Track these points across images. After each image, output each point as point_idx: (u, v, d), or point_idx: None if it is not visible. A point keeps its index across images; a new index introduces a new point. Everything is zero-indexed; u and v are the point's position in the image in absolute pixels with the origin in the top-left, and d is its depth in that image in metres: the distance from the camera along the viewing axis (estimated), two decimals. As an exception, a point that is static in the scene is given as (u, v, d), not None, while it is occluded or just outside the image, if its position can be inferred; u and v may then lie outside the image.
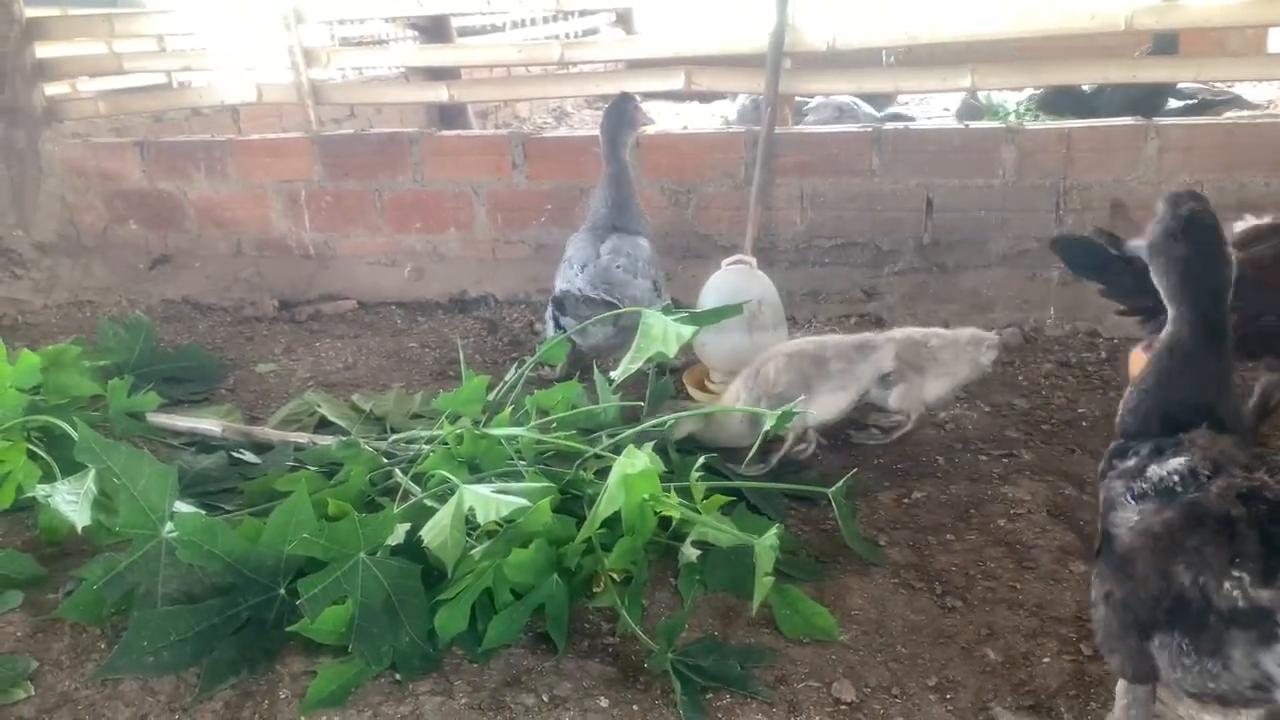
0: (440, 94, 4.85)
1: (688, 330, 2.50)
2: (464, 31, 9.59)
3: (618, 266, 3.31)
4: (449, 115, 6.90)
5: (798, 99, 6.46)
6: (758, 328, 3.35)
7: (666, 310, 2.59)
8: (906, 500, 2.73)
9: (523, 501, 2.14)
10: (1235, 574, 1.48)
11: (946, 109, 7.95)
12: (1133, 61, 4.35)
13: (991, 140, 4.05)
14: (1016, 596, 2.29)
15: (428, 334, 4.24)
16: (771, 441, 2.82)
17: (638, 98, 3.71)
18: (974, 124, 4.26)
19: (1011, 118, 7.11)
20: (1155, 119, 3.98)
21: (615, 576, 2.33)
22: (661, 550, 2.45)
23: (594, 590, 2.31)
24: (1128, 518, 1.69)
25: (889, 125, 4.32)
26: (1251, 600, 1.45)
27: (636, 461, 2.28)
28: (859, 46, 4.25)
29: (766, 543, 2.20)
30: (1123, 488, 1.75)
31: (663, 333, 2.51)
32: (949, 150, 4.10)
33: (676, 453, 2.81)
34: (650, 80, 4.55)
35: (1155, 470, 1.71)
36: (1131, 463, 1.79)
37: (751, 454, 2.78)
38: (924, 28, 4.16)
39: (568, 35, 11.22)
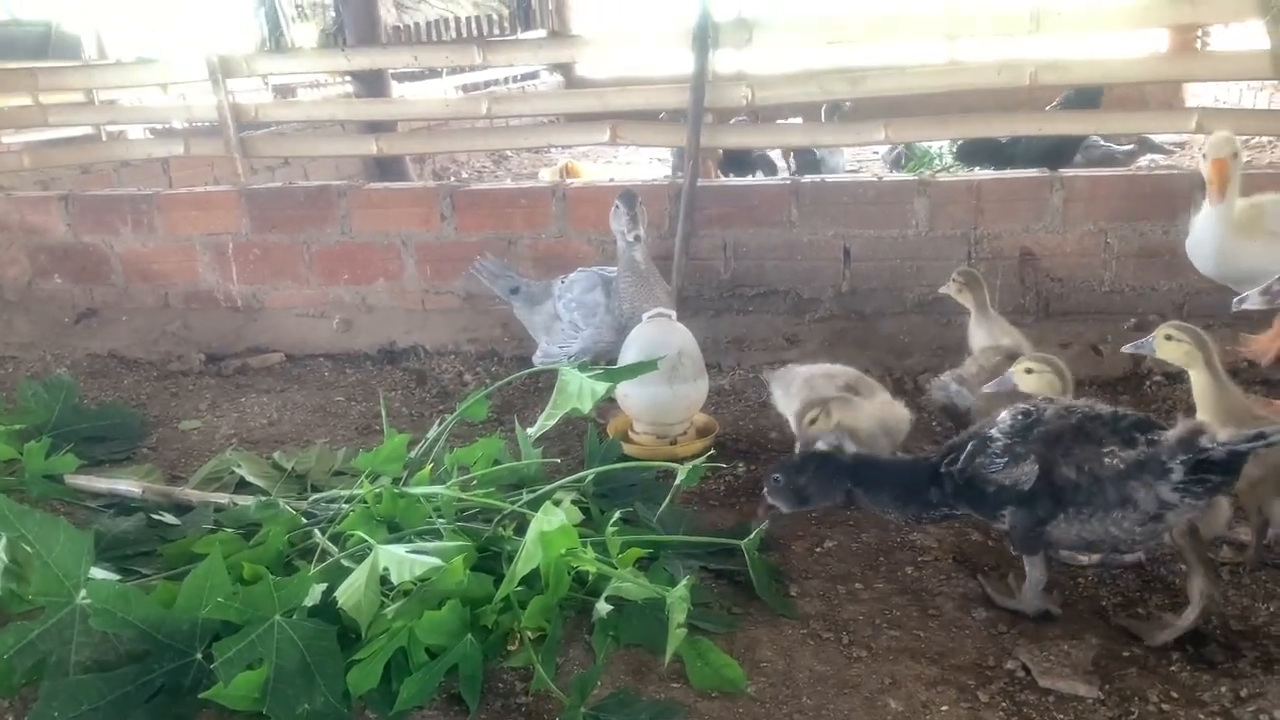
0: (369, 147, 4.90)
1: (602, 386, 2.56)
2: (408, 77, 9.69)
3: None
4: (385, 164, 6.97)
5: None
6: (678, 379, 3.42)
7: (583, 367, 2.64)
8: (819, 550, 2.81)
9: (436, 561, 2.18)
10: (1107, 451, 2.20)
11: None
12: (1040, 115, 4.54)
13: (904, 192, 4.20)
14: (919, 645, 2.36)
15: (355, 387, 4.25)
16: None
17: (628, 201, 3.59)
18: (887, 176, 4.41)
19: (936, 163, 7.33)
20: (1060, 170, 4.15)
21: (531, 634, 2.36)
22: (579, 606, 2.49)
23: (509, 648, 2.35)
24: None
25: (806, 178, 4.45)
26: (1127, 460, 2.18)
27: (553, 518, 2.33)
28: (776, 103, 4.39)
29: (678, 595, 2.26)
30: (987, 460, 2.33)
31: (578, 389, 2.57)
32: (864, 202, 4.24)
33: (597, 507, 2.86)
34: (576, 135, 4.67)
35: (999, 427, 2.34)
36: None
37: None
38: (839, 85, 4.30)
39: (507, 80, 11.37)
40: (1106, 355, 3.99)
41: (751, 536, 2.60)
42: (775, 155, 7.16)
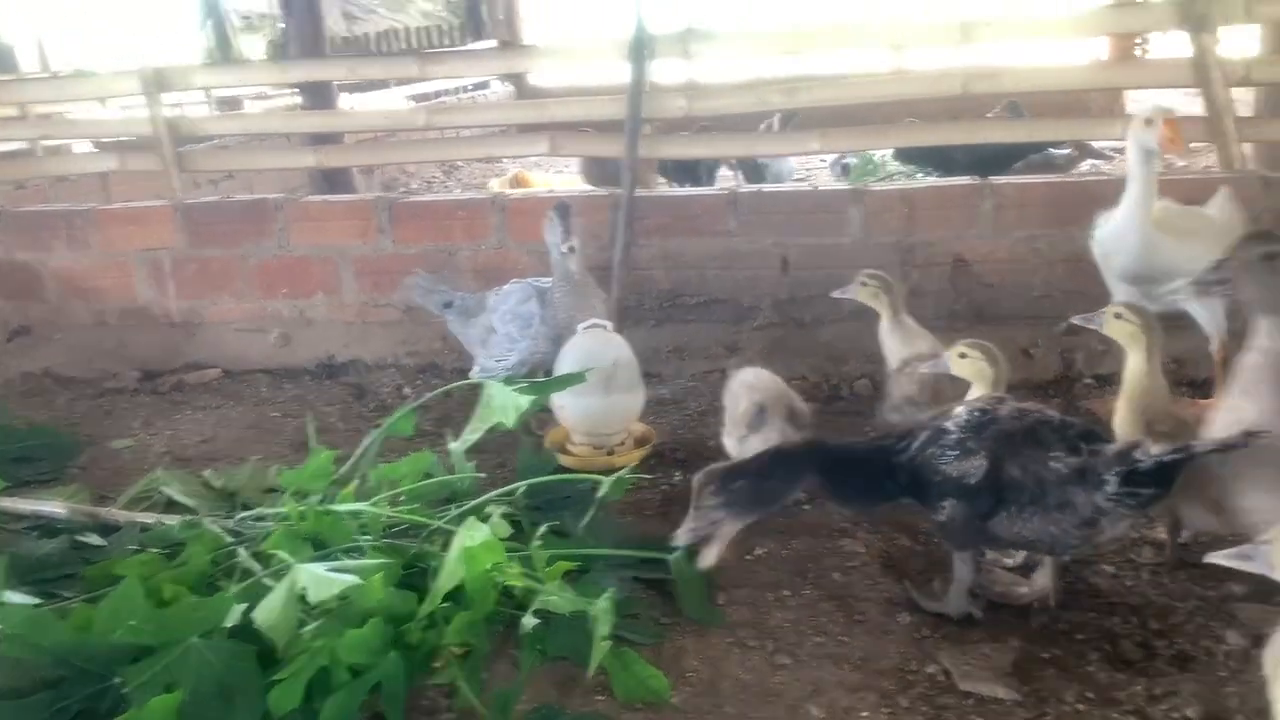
0: (307, 160, 4.87)
1: (525, 400, 2.56)
2: (357, 88, 9.60)
3: None
4: (332, 176, 6.91)
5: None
6: (615, 389, 3.43)
7: (509, 380, 2.64)
8: (749, 558, 2.82)
9: (353, 579, 2.17)
10: (1053, 456, 2.27)
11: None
12: (972, 124, 4.60)
13: (840, 201, 4.24)
14: (843, 651, 2.38)
15: (292, 402, 4.22)
16: None
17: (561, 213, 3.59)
18: (822, 186, 4.45)
19: (882, 171, 7.39)
20: (990, 179, 4.21)
21: (456, 650, 2.35)
22: (508, 620, 2.48)
23: (434, 665, 2.34)
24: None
25: (744, 188, 4.48)
26: (1070, 466, 2.25)
27: (476, 534, 2.33)
28: (714, 114, 4.41)
29: (601, 607, 2.26)
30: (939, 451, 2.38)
31: (503, 403, 2.57)
32: (801, 211, 4.27)
33: (529, 520, 2.85)
34: (515, 146, 4.65)
35: (954, 420, 2.39)
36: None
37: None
38: (776, 97, 4.34)
39: (458, 91, 11.33)
40: (1037, 359, 4.05)
41: (678, 549, 2.59)
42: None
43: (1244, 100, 7.42)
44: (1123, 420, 2.64)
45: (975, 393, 2.75)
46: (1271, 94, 6.60)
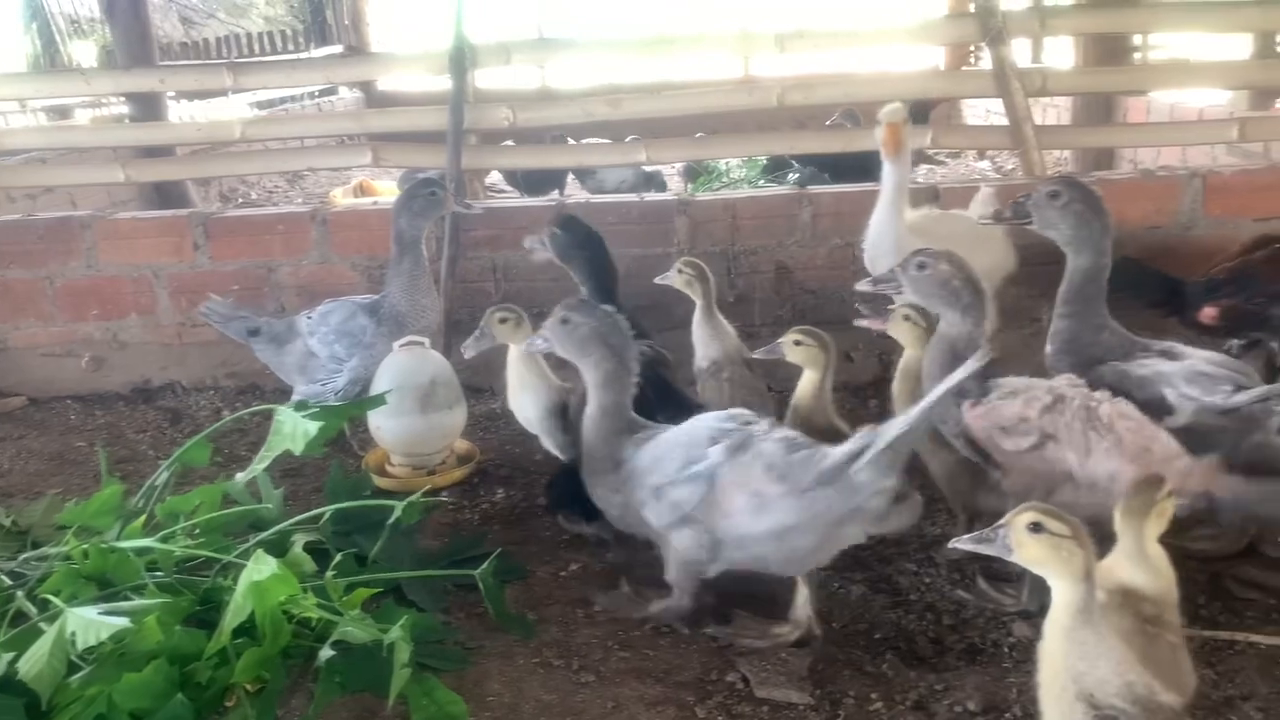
0: (115, 175, 4.65)
1: (315, 426, 2.49)
2: (198, 95, 9.21)
3: None
4: (164, 189, 6.61)
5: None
6: (433, 408, 3.37)
7: (300, 405, 2.57)
8: (563, 574, 2.82)
9: (123, 622, 2.06)
10: None
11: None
12: (792, 134, 4.71)
13: (666, 211, 4.27)
14: (647, 665, 2.40)
15: (102, 430, 4.01)
16: None
17: (438, 184, 3.54)
18: (649, 196, 4.48)
19: (726, 178, 7.48)
20: (808, 188, 4.31)
21: (250, 687, 2.27)
22: (306, 653, 2.40)
23: (226, 704, 2.25)
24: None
25: (572, 200, 4.47)
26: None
27: (264, 568, 2.25)
28: (538, 124, 4.39)
29: (395, 635, 2.21)
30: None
31: (293, 430, 2.49)
32: (629, 221, 4.28)
33: (338, 547, 2.78)
34: (339, 157, 4.54)
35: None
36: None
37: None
38: (599, 107, 4.35)
39: (302, 98, 11.01)
40: (857, 361, 4.17)
41: (485, 566, 2.57)
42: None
43: (1065, 107, 7.89)
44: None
45: (807, 378, 2.78)
46: (1090, 103, 7.00)
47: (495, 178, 9.03)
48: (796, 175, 6.69)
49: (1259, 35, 5.92)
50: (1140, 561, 2.05)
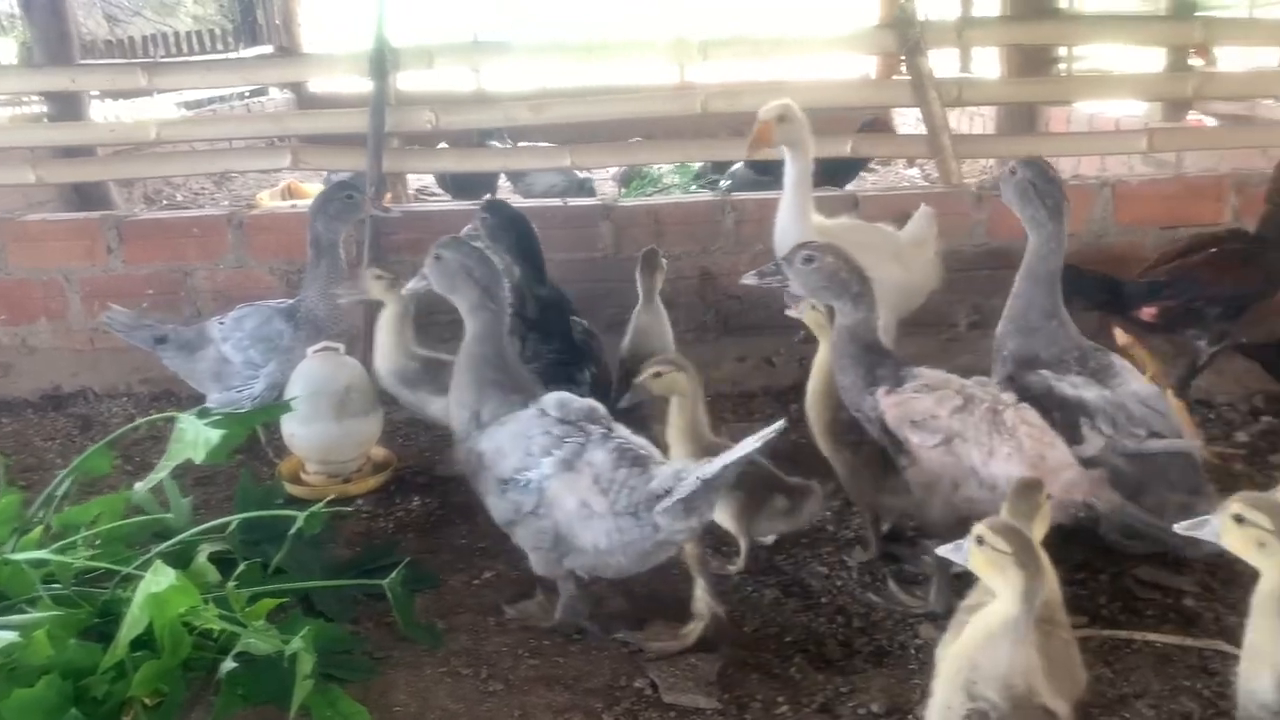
0: (26, 176, 4.52)
1: (217, 434, 2.44)
2: (123, 95, 8.97)
3: None
4: (85, 190, 6.44)
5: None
6: (348, 415, 3.32)
7: (202, 413, 2.52)
8: (476, 581, 2.80)
9: (12, 636, 2.01)
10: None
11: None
12: (724, 141, 4.71)
13: (590, 216, 4.27)
14: (556, 672, 2.39)
15: (9, 438, 3.90)
16: None
17: (355, 187, 3.58)
18: (574, 201, 4.48)
19: (661, 183, 7.47)
20: (731, 195, 4.34)
21: (148, 701, 2.22)
22: (209, 665, 2.36)
23: (124, 719, 2.20)
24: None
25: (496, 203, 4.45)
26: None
27: (162, 579, 2.20)
28: (460, 127, 4.37)
29: (296, 647, 2.17)
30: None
31: (194, 438, 2.44)
32: (553, 225, 4.26)
33: (244, 558, 2.72)
34: (258, 160, 4.47)
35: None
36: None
37: None
38: (522, 112, 4.33)
39: (239, 97, 10.81)
40: (779, 366, 4.21)
41: (393, 575, 2.54)
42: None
43: (991, 117, 8.04)
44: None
45: (676, 409, 2.76)
46: (1013, 113, 7.14)
47: (428, 180, 8.97)
48: (729, 182, 6.75)
49: (1171, 49, 6.08)
50: None
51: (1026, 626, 1.75)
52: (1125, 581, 2.72)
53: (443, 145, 5.31)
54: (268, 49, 12.50)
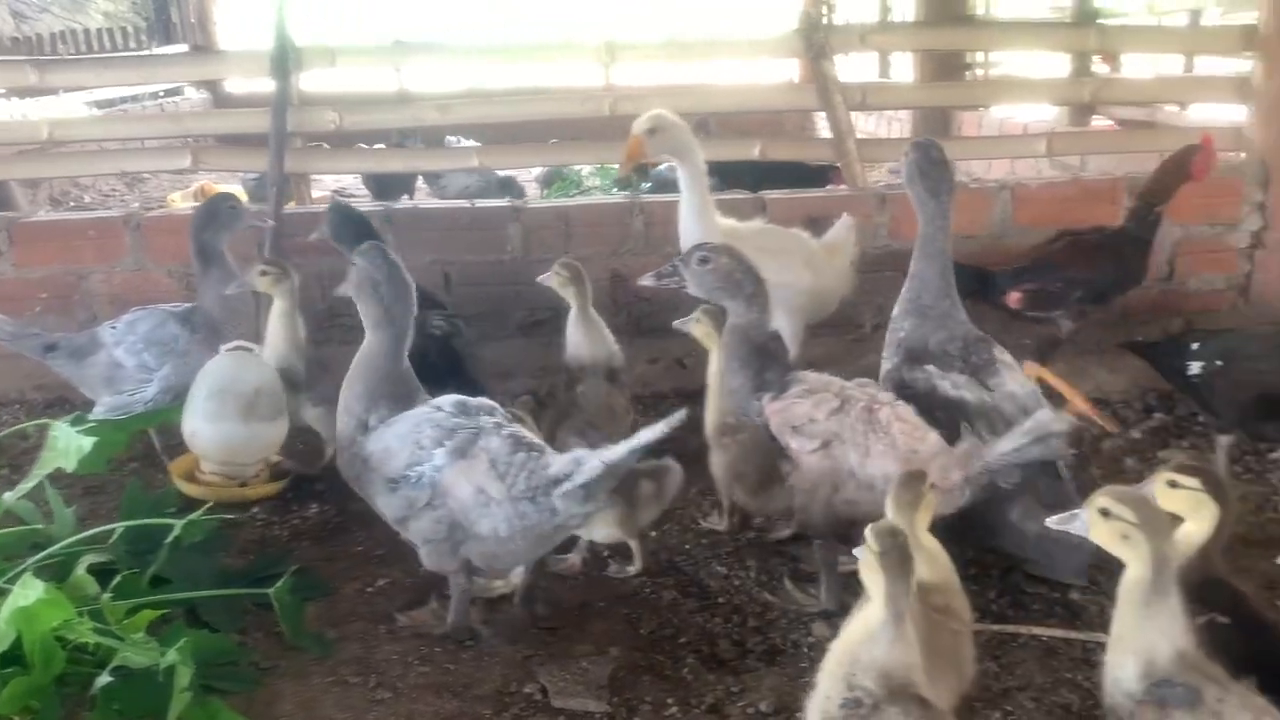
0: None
1: (89, 442, 2.37)
2: (29, 93, 8.68)
3: None
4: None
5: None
6: (255, 418, 3.24)
7: (76, 420, 2.44)
8: (370, 589, 2.76)
9: None
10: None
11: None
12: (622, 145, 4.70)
13: (499, 218, 4.24)
14: (446, 679, 2.36)
15: (-109, 448, 3.75)
16: None
17: (235, 198, 3.60)
18: (481, 202, 4.44)
19: (584, 184, 7.42)
20: (640, 197, 4.34)
21: (18, 719, 2.15)
22: (84, 681, 2.28)
23: (-9, 738, 2.12)
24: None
25: (401, 205, 4.40)
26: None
27: (30, 592, 2.13)
28: (365, 128, 4.31)
29: (172, 659, 2.12)
30: None
31: (66, 445, 2.37)
32: (460, 228, 4.24)
33: (128, 568, 2.65)
34: (153, 160, 4.36)
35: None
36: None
37: None
38: (430, 113, 4.29)
39: (154, 96, 10.54)
40: (690, 368, 4.21)
41: (280, 584, 2.49)
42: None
43: (908, 121, 8.16)
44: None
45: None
46: (928, 116, 7.25)
47: (349, 181, 8.85)
48: (649, 185, 6.76)
49: (1076, 56, 6.23)
50: (917, 552, 2.12)
51: (899, 624, 1.77)
52: (1014, 577, 2.78)
53: (380, 146, 5.26)
54: (183, 48, 12.22)
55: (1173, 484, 2.05)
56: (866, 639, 1.82)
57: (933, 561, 2.13)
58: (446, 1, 15.38)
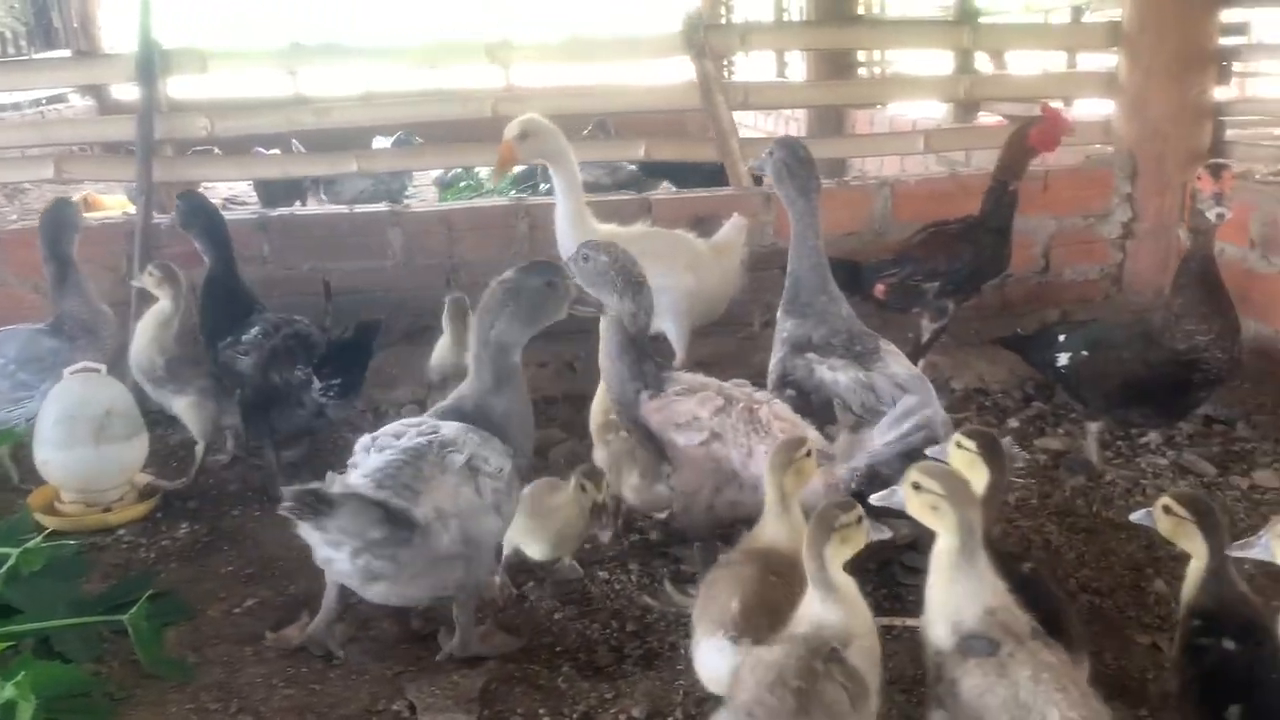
0: None
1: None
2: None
3: None
4: None
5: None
6: (107, 440, 3.13)
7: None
8: (238, 610, 2.66)
9: None
10: None
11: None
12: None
13: (378, 224, 4.16)
14: (312, 700, 2.29)
15: None
16: None
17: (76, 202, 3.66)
18: (360, 208, 4.35)
19: (484, 187, 7.30)
20: (524, 200, 4.29)
21: None
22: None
23: None
24: None
25: (276, 212, 4.29)
26: None
27: None
28: (242, 134, 4.19)
29: (10, 695, 2.01)
30: None
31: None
32: (340, 234, 4.15)
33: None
34: (15, 171, 4.17)
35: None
36: None
37: None
38: (306, 116, 4.19)
39: (29, 104, 10.12)
40: (580, 372, 4.18)
41: (135, 609, 2.39)
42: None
43: (804, 120, 8.24)
44: None
45: None
46: (822, 115, 7.33)
47: (241, 189, 8.61)
48: (548, 186, 6.68)
49: (958, 53, 6.35)
50: (780, 517, 2.20)
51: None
52: (892, 569, 2.80)
53: (275, 151, 5.11)
54: (65, 53, 11.78)
55: (958, 444, 2.20)
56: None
57: (794, 531, 2.16)
58: (353, 5, 15.21)
